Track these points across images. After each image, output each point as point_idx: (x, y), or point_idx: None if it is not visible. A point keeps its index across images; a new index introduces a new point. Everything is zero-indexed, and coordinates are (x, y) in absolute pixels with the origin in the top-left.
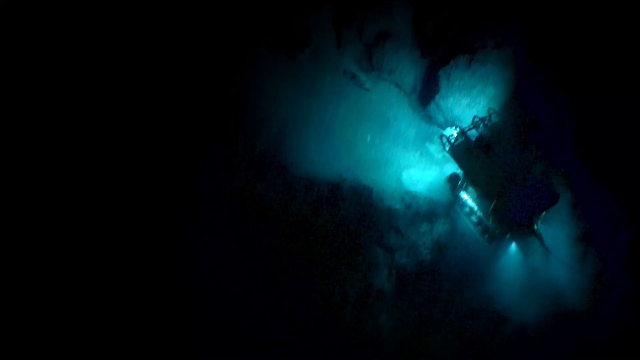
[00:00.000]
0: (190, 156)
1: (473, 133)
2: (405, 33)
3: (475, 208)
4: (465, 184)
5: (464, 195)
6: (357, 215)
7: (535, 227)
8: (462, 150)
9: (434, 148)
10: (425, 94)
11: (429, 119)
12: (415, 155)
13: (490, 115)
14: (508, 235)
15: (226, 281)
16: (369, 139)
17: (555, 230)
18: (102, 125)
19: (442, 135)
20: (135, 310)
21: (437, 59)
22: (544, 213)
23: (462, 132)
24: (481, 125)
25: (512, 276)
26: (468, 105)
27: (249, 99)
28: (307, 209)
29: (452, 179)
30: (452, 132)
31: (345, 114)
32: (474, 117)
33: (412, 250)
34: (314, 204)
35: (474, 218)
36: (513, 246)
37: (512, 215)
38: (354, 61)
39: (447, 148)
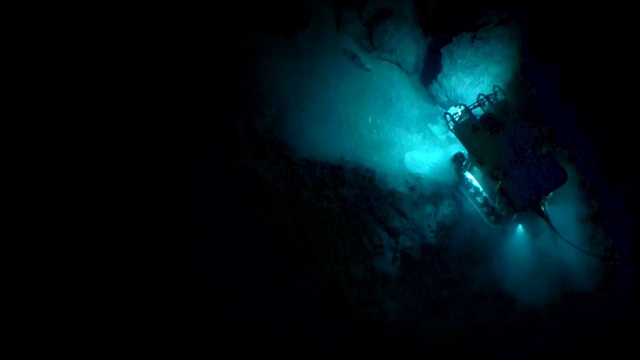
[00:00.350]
0: (188, 143)
1: (478, 112)
2: (407, 11)
3: (481, 189)
4: (469, 164)
5: (468, 176)
6: (360, 198)
7: (543, 208)
8: (466, 129)
9: (438, 129)
10: (428, 73)
11: (432, 99)
12: (418, 136)
13: (495, 93)
14: (514, 217)
15: (229, 270)
16: (370, 120)
17: (562, 211)
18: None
19: (446, 113)
20: (135, 311)
21: (439, 37)
22: (551, 193)
23: (467, 110)
24: (486, 103)
25: (520, 258)
26: (471, 84)
27: (247, 80)
28: (309, 193)
29: (457, 159)
30: (456, 110)
31: (346, 94)
32: (479, 95)
33: (417, 233)
34: (315, 186)
35: (479, 199)
36: (520, 228)
37: (518, 195)
38: (354, 41)
39: (452, 127)
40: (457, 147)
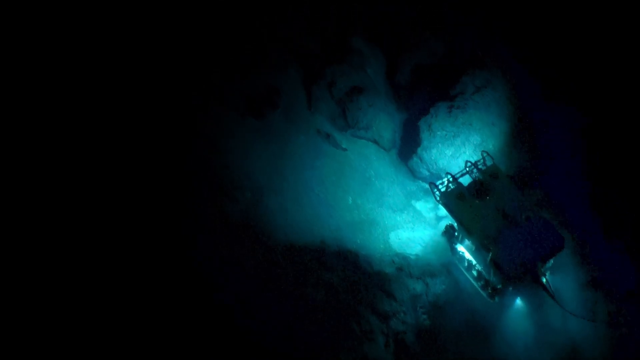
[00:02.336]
0: (157, 238)
1: (467, 180)
2: (379, 85)
3: (474, 261)
4: (460, 235)
5: (460, 249)
6: (345, 282)
7: (544, 278)
8: (453, 197)
9: (422, 205)
10: (406, 148)
11: (412, 174)
12: (402, 214)
13: (484, 159)
14: (510, 289)
15: None
16: (350, 200)
17: (561, 278)
18: None
19: (431, 184)
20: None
21: (415, 109)
22: (551, 261)
23: (454, 179)
24: (474, 170)
25: (522, 332)
26: (453, 155)
27: (218, 166)
28: (290, 279)
29: (447, 231)
30: (443, 180)
31: (323, 175)
32: (467, 162)
33: (409, 314)
34: (297, 272)
35: (474, 272)
36: (518, 300)
37: (510, 265)
38: (327, 119)
39: (438, 197)
40: (446, 222)
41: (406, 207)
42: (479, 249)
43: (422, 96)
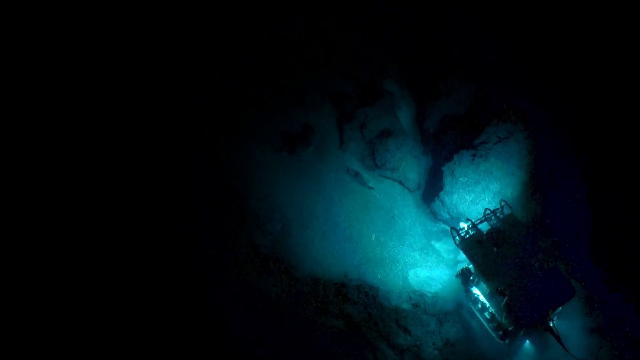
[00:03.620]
0: (190, 261)
1: (485, 226)
2: (408, 130)
3: (488, 304)
4: (476, 278)
5: (475, 291)
6: (364, 315)
7: (552, 323)
8: (472, 243)
9: (441, 246)
10: (429, 191)
11: (434, 216)
12: (421, 253)
13: (502, 207)
14: (522, 332)
15: None
16: (373, 237)
17: (568, 323)
18: None
19: (452, 228)
20: None
21: (440, 155)
22: (559, 308)
23: (473, 225)
24: (493, 217)
25: None
26: (473, 201)
27: (250, 198)
28: (312, 309)
29: (463, 274)
30: (463, 225)
31: (349, 212)
32: (486, 210)
33: (422, 349)
34: (319, 303)
35: (486, 314)
36: (527, 343)
37: (524, 311)
38: (356, 159)
39: (458, 241)
40: (463, 264)
41: (426, 246)
42: (493, 293)
43: (447, 142)
